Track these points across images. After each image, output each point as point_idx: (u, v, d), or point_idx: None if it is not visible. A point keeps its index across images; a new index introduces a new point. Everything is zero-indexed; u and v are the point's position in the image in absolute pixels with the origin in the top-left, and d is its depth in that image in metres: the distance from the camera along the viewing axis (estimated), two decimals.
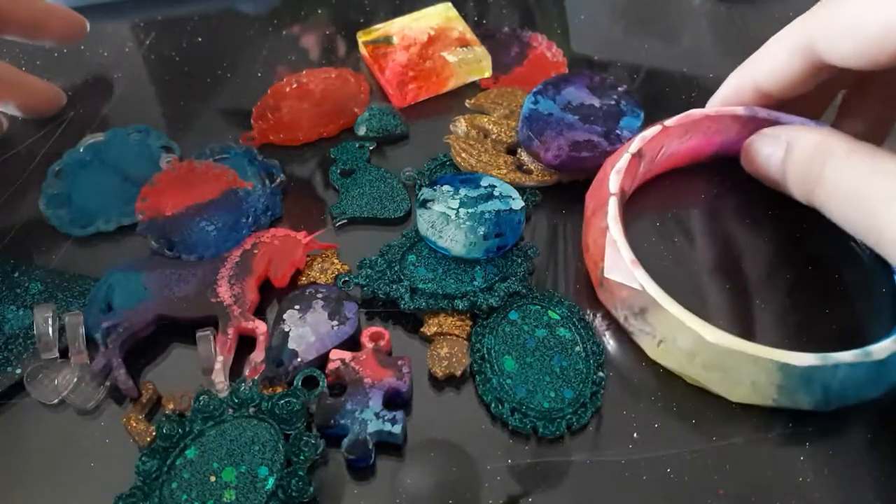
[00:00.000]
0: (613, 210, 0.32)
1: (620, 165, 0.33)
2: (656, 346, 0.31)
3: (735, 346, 0.28)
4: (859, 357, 0.28)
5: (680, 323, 0.29)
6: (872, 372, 0.29)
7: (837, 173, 0.30)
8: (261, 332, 0.32)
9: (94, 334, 0.31)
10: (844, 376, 0.28)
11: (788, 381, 0.28)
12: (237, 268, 0.34)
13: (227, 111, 0.42)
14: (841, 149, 0.30)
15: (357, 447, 0.28)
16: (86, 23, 0.42)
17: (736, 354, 0.29)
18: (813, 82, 0.33)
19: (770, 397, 0.29)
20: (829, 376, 0.28)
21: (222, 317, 0.32)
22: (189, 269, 0.34)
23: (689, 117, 0.35)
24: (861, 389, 0.29)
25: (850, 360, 0.28)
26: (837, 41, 0.30)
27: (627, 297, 0.31)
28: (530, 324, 0.32)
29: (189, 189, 0.36)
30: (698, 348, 0.29)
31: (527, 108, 0.38)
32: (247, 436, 0.28)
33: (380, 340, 0.32)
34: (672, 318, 0.29)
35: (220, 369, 0.31)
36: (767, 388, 0.29)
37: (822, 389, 0.29)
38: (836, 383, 0.28)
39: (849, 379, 0.28)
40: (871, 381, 0.29)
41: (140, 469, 0.27)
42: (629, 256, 0.31)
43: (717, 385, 0.30)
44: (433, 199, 0.34)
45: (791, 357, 0.28)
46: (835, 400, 0.29)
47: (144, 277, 0.33)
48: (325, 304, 0.32)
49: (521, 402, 0.30)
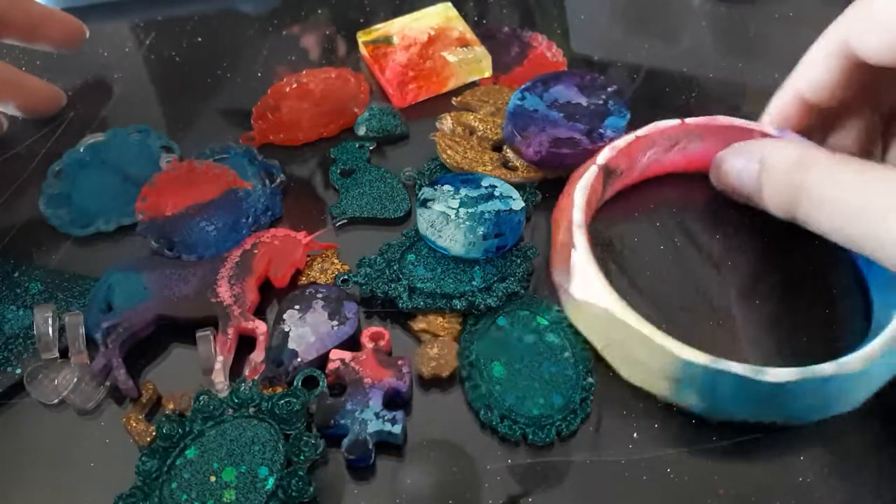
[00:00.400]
0: (586, 180, 0.33)
1: (587, 177, 0.34)
2: (574, 308, 0.32)
3: (634, 325, 0.29)
4: (749, 373, 0.28)
5: (596, 290, 0.30)
6: (763, 392, 0.28)
7: (824, 184, 0.29)
8: (261, 332, 0.32)
9: (94, 334, 0.32)
10: (733, 387, 0.28)
11: (681, 374, 0.29)
12: (237, 268, 0.34)
13: (227, 111, 0.42)
14: (824, 160, 0.29)
15: (357, 447, 0.28)
16: (85, 29, 0.42)
17: (634, 334, 0.29)
18: (853, 84, 0.32)
19: (662, 387, 0.30)
20: (717, 382, 0.28)
21: (222, 317, 0.32)
22: (189, 269, 0.34)
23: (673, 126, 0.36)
24: (749, 406, 0.29)
25: (741, 372, 0.28)
26: (869, 35, 0.30)
27: (565, 260, 0.32)
28: (519, 329, 0.32)
29: (189, 189, 0.36)
30: (604, 318, 0.30)
31: (513, 103, 0.38)
32: (247, 436, 0.28)
33: (380, 340, 0.32)
34: (590, 282, 0.30)
35: (220, 369, 0.31)
36: (660, 376, 0.29)
37: (711, 394, 0.29)
38: (723, 391, 0.28)
39: (738, 392, 0.28)
40: (761, 401, 0.29)
41: (140, 469, 0.27)
42: (578, 219, 0.32)
43: (616, 361, 0.31)
44: (433, 199, 0.34)
45: (685, 351, 0.28)
46: (722, 409, 0.29)
47: (144, 277, 0.33)
48: (325, 304, 0.32)
49: (511, 409, 0.30)
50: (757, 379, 0.28)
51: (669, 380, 0.29)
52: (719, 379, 0.28)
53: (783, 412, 0.29)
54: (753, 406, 0.29)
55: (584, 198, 0.33)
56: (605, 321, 0.30)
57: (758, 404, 0.29)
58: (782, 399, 0.28)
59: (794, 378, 0.28)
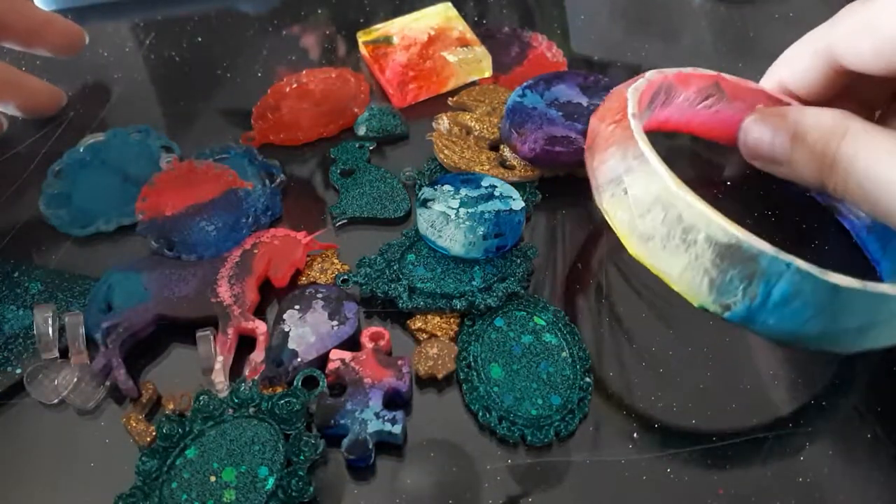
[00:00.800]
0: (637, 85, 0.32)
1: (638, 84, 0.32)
2: (615, 196, 0.29)
3: (700, 207, 0.27)
4: (812, 269, 0.25)
5: (655, 175, 0.28)
6: (821, 295, 0.26)
7: (859, 154, 0.28)
8: (261, 332, 0.32)
9: (94, 334, 0.32)
10: (792, 284, 0.26)
11: (737, 263, 0.26)
12: (237, 268, 0.34)
13: (227, 111, 0.42)
14: (860, 128, 0.28)
15: (357, 447, 0.28)
16: (84, 35, 0.42)
17: (699, 216, 0.27)
18: (835, 88, 0.32)
19: (708, 278, 0.27)
20: (776, 274, 0.26)
21: (222, 317, 0.32)
22: (189, 269, 0.34)
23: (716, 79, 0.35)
24: (799, 312, 0.26)
25: (803, 266, 0.25)
26: (853, 44, 0.29)
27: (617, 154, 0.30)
28: (516, 330, 0.32)
29: (189, 189, 0.36)
30: (663, 202, 0.28)
31: (512, 100, 0.38)
32: (247, 436, 0.28)
33: (380, 340, 0.32)
34: (648, 167, 0.28)
35: (219, 369, 0.31)
36: (710, 265, 0.27)
37: (764, 290, 0.26)
38: (780, 287, 0.26)
39: (795, 290, 0.26)
40: (815, 307, 0.26)
41: (140, 469, 0.27)
42: (633, 110, 0.30)
43: (659, 250, 0.28)
44: (434, 199, 0.34)
45: (751, 238, 0.26)
46: (768, 312, 0.26)
47: (144, 277, 0.33)
48: (325, 304, 0.32)
49: (509, 410, 0.30)
50: (820, 277, 0.25)
51: (718, 272, 0.27)
52: (776, 272, 0.26)
53: (830, 326, 0.27)
54: (801, 314, 0.26)
55: (636, 98, 0.31)
56: (663, 204, 0.27)
57: (807, 312, 0.26)
58: (836, 308, 0.26)
59: (856, 286, 0.26)
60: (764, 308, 0.26)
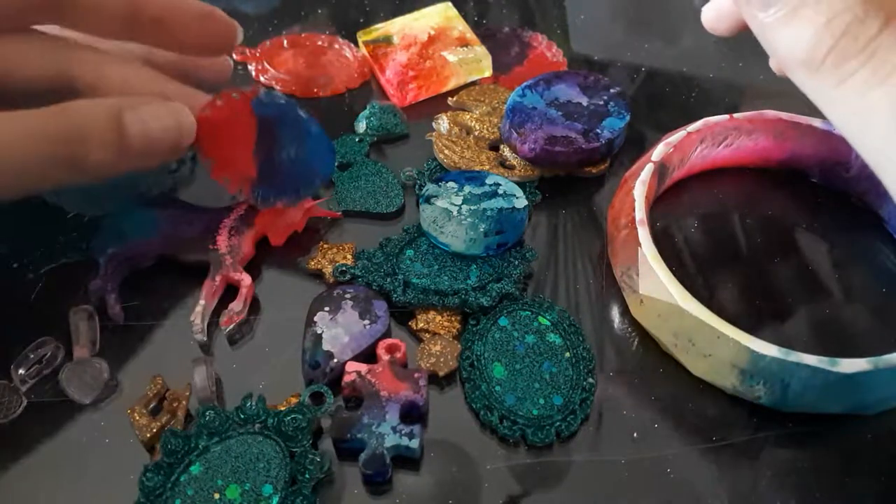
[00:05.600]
0: (644, 177, 0.34)
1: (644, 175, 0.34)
2: (638, 304, 0.32)
3: (703, 318, 0.29)
4: (823, 364, 0.28)
5: (661, 285, 0.30)
6: (835, 383, 0.28)
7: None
8: (245, 284, 0.33)
9: (98, 257, 0.33)
10: (805, 378, 0.28)
11: (750, 366, 0.28)
12: (240, 220, 0.35)
13: None
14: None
15: (374, 462, 0.28)
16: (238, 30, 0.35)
17: (703, 327, 0.29)
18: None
19: (729, 380, 0.30)
20: (788, 373, 0.28)
21: (214, 263, 0.33)
22: (198, 213, 0.35)
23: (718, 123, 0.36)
24: (821, 398, 0.29)
25: (814, 363, 0.28)
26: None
27: (629, 257, 0.32)
28: (520, 330, 0.32)
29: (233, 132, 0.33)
30: (671, 312, 0.30)
31: (512, 99, 0.38)
32: (252, 452, 0.28)
33: (396, 353, 0.31)
34: (655, 276, 0.30)
35: (199, 311, 0.32)
36: (728, 369, 0.29)
37: (781, 386, 0.28)
38: (795, 383, 0.28)
39: (809, 383, 0.28)
40: (833, 392, 0.28)
41: (144, 485, 0.27)
42: (640, 216, 0.32)
43: (683, 354, 0.31)
44: (437, 195, 0.34)
45: (755, 343, 0.28)
46: (792, 401, 0.29)
47: (156, 214, 0.35)
48: (355, 303, 0.32)
49: (510, 410, 0.30)
50: (830, 370, 0.27)
51: (738, 372, 0.29)
52: (790, 370, 0.28)
53: (854, 403, 0.29)
54: (824, 397, 0.29)
55: (643, 195, 0.33)
56: (674, 316, 0.30)
57: (829, 395, 0.28)
58: (854, 390, 0.28)
59: (867, 368, 0.27)
60: (786, 399, 0.29)
